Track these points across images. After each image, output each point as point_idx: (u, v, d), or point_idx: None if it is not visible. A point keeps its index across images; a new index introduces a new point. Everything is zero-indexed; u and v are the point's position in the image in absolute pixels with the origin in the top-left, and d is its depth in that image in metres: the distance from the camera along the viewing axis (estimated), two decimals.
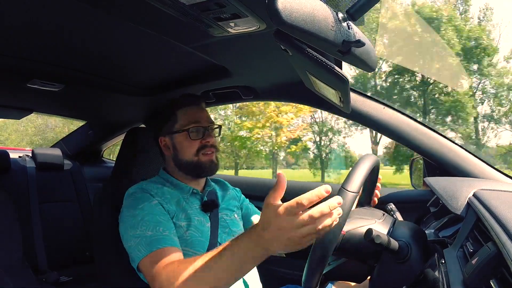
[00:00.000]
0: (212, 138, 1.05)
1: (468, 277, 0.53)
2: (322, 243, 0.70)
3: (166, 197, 0.97)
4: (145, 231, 0.87)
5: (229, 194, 1.17)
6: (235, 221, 1.10)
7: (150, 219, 0.89)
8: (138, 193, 0.96)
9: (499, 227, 0.52)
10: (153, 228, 0.87)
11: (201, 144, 1.02)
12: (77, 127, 2.13)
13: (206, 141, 1.03)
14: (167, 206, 0.95)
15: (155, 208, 0.92)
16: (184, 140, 1.03)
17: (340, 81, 0.70)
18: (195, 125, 1.03)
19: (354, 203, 0.74)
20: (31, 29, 0.82)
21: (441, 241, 0.78)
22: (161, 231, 0.87)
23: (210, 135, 1.05)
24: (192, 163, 1.02)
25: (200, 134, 1.03)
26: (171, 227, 0.91)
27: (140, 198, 0.95)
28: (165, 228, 0.89)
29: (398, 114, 1.19)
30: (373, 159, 0.81)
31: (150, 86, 1.36)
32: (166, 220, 0.92)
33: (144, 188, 0.97)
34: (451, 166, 1.12)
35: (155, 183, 1.02)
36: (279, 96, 1.36)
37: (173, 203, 0.97)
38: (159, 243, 0.85)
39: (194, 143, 1.02)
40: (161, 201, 0.95)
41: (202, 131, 1.03)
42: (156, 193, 0.97)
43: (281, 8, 0.47)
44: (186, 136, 1.02)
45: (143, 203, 0.93)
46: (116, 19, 0.78)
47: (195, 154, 1.02)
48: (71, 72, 1.14)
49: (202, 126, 1.03)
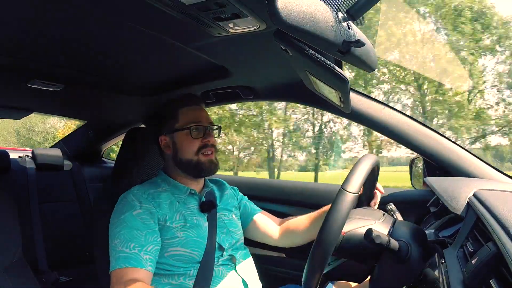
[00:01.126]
0: (212, 138, 1.05)
1: (468, 277, 0.53)
2: (322, 244, 0.70)
3: (157, 201, 0.97)
4: (118, 245, 0.88)
5: (227, 194, 1.17)
6: (233, 221, 1.11)
7: (126, 233, 0.90)
8: (126, 200, 0.97)
9: (499, 227, 0.52)
10: (124, 244, 0.88)
11: (201, 143, 1.03)
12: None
13: (207, 140, 1.03)
14: (156, 211, 0.95)
15: (136, 219, 0.92)
16: (185, 139, 1.03)
17: (340, 81, 0.70)
18: (196, 124, 1.03)
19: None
20: (31, 29, 0.82)
21: (441, 241, 0.78)
22: (131, 248, 0.88)
23: (210, 134, 1.05)
24: (192, 162, 1.02)
25: (201, 133, 1.03)
26: (147, 242, 0.90)
27: (125, 205, 0.95)
28: (136, 244, 0.88)
29: (398, 114, 1.19)
30: (373, 159, 0.81)
31: (150, 86, 1.36)
32: (145, 234, 0.91)
33: (134, 194, 0.97)
34: (451, 166, 1.12)
35: (150, 186, 1.02)
36: (279, 96, 1.36)
37: (165, 206, 0.97)
38: (125, 261, 0.86)
39: (195, 141, 1.02)
40: (149, 208, 0.94)
41: (203, 130, 1.04)
42: (146, 198, 0.96)
43: (281, 8, 0.47)
44: (187, 134, 1.02)
45: (125, 212, 0.93)
46: (116, 19, 0.78)
47: (195, 153, 1.02)
48: (71, 72, 1.14)
49: (203, 126, 1.04)
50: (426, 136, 1.16)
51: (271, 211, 1.28)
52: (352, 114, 1.17)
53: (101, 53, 1.01)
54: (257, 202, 1.28)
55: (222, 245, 1.01)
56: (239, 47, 0.94)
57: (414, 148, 1.17)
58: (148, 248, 0.89)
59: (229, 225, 1.08)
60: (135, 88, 1.37)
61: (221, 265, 0.99)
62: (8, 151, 1.79)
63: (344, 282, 1.10)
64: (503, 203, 0.61)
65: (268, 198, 1.54)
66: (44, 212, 1.78)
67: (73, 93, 1.37)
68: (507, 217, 0.53)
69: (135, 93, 1.39)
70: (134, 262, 0.86)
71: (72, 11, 0.75)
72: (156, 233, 0.93)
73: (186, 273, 0.94)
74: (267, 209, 1.40)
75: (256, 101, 2.49)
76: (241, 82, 1.26)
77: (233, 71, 1.14)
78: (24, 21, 0.78)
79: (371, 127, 1.22)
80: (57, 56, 1.02)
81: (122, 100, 1.52)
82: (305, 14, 0.49)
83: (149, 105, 1.58)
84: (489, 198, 0.67)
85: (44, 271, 1.69)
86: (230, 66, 1.11)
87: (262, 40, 0.86)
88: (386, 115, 1.18)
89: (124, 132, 1.92)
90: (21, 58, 1.00)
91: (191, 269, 0.94)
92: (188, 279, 0.94)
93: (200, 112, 1.08)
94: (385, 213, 0.90)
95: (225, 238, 1.03)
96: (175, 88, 1.33)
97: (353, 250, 0.83)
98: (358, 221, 0.85)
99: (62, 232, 1.82)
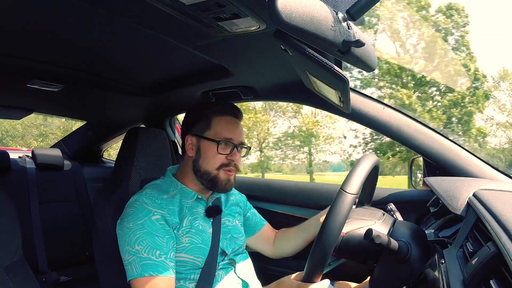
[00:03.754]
0: (238, 158, 1.01)
1: (468, 277, 0.53)
2: (322, 245, 0.70)
3: (171, 208, 0.94)
4: (141, 252, 0.87)
5: (232, 200, 1.15)
6: (237, 227, 1.10)
7: (149, 240, 0.88)
8: (139, 204, 0.93)
9: (499, 227, 0.52)
10: (149, 251, 0.87)
11: (226, 161, 0.99)
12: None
13: (232, 159, 0.99)
14: (170, 219, 0.93)
15: (155, 225, 0.90)
16: (211, 150, 0.98)
17: (340, 81, 0.70)
18: (227, 140, 0.99)
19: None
20: (31, 29, 0.82)
21: (441, 241, 0.78)
22: (157, 255, 0.87)
23: (238, 153, 1.01)
24: (211, 175, 0.99)
25: (229, 149, 0.99)
26: (169, 249, 0.89)
27: (141, 210, 0.91)
28: (162, 252, 0.88)
29: (398, 114, 1.19)
30: (373, 159, 0.81)
31: (150, 86, 1.36)
32: (166, 240, 0.90)
33: (147, 198, 0.93)
34: (451, 166, 1.12)
35: (160, 192, 0.97)
36: (279, 96, 1.36)
37: (176, 213, 0.95)
38: (152, 269, 0.85)
39: (220, 156, 0.98)
40: (164, 214, 0.92)
41: (231, 147, 0.99)
42: (160, 204, 0.93)
43: (281, 8, 0.47)
44: (215, 146, 0.98)
45: (143, 218, 0.90)
46: (116, 19, 0.78)
47: (217, 168, 0.98)
48: (71, 72, 1.14)
49: (233, 143, 1.00)
50: (426, 136, 1.16)
51: (271, 211, 1.28)
52: (352, 114, 1.17)
53: (101, 53, 1.01)
54: (257, 202, 1.28)
55: (225, 250, 1.00)
56: (239, 47, 0.94)
57: (414, 147, 1.17)
58: (170, 255, 0.89)
59: (233, 231, 1.07)
60: (135, 88, 1.37)
61: (221, 269, 0.98)
62: (8, 151, 1.79)
63: (344, 282, 1.10)
64: (503, 203, 0.61)
65: (268, 198, 1.54)
66: (44, 212, 1.78)
67: (73, 93, 1.37)
68: (507, 217, 0.53)
69: (135, 93, 1.39)
70: (163, 270, 0.86)
71: (72, 11, 0.75)
72: (173, 239, 0.92)
73: (187, 278, 0.94)
74: (267, 209, 1.40)
75: (256, 101, 2.50)
76: (241, 82, 1.26)
77: (233, 71, 1.14)
78: (24, 21, 0.78)
79: (371, 127, 1.22)
80: (57, 56, 1.02)
81: (122, 100, 1.52)
82: (305, 14, 0.49)
83: (149, 105, 1.58)
84: (489, 198, 0.67)
85: (44, 271, 1.69)
86: (230, 66, 1.11)
87: (262, 40, 0.86)
88: (386, 115, 1.18)
89: (124, 132, 1.92)
90: (21, 58, 1.00)
91: (193, 274, 0.94)
92: (188, 282, 0.94)
93: (235, 127, 1.02)
94: (385, 213, 0.90)
95: (228, 244, 1.03)
96: (175, 88, 1.33)
97: (353, 250, 0.83)
98: (358, 221, 0.85)
99: (62, 232, 1.82)
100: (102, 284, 1.09)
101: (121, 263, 0.91)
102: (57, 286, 1.69)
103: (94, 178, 2.07)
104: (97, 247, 1.10)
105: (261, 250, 1.22)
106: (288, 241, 1.18)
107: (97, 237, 1.09)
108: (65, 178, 1.95)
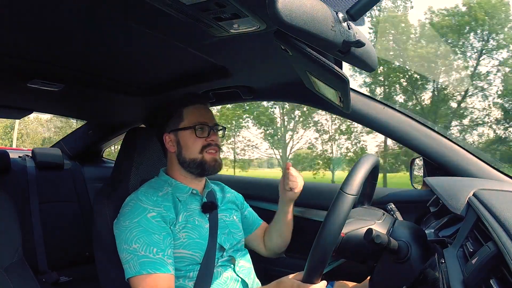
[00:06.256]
0: (216, 137, 1.06)
1: (468, 277, 0.53)
2: (321, 245, 0.70)
3: (166, 205, 0.96)
4: (138, 250, 0.88)
5: (228, 197, 1.17)
6: (234, 222, 1.11)
7: (146, 237, 0.89)
8: (135, 202, 0.95)
9: (499, 226, 0.52)
10: (146, 248, 0.88)
11: (206, 142, 1.03)
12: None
13: (211, 139, 1.04)
14: (167, 215, 0.94)
15: (152, 222, 0.91)
16: (190, 138, 1.03)
17: (340, 81, 0.70)
18: (201, 124, 1.04)
19: None
20: (31, 29, 0.82)
21: (441, 241, 0.78)
22: (155, 253, 0.88)
23: (215, 134, 1.06)
24: (197, 160, 1.03)
25: (206, 132, 1.04)
26: (166, 246, 0.90)
27: (136, 208, 0.94)
28: (159, 249, 0.88)
29: (398, 114, 1.19)
30: (373, 159, 0.81)
31: (150, 86, 1.36)
32: (163, 237, 0.91)
33: (143, 197, 0.96)
34: (451, 166, 1.12)
35: (155, 190, 1.00)
36: (279, 96, 1.36)
37: (171, 209, 0.97)
38: (150, 266, 0.86)
39: (199, 140, 1.03)
40: (160, 211, 0.94)
41: (207, 129, 1.04)
42: (155, 201, 0.96)
43: (281, 8, 0.47)
44: (192, 133, 1.03)
45: (139, 216, 0.92)
46: (116, 19, 0.78)
47: (200, 152, 1.03)
48: (71, 72, 1.14)
49: (208, 125, 1.05)
50: (426, 136, 1.16)
51: (270, 211, 1.27)
52: (352, 114, 1.17)
53: (101, 53, 1.01)
54: (255, 202, 1.28)
55: (223, 245, 1.01)
56: (239, 47, 0.94)
57: (414, 148, 1.17)
58: (168, 252, 0.90)
59: (230, 226, 1.08)
60: (135, 88, 1.36)
61: (220, 266, 0.99)
62: (8, 151, 1.79)
63: (344, 282, 1.10)
64: (503, 203, 0.62)
65: (267, 198, 1.54)
66: (44, 212, 1.78)
67: (73, 93, 1.37)
68: (507, 217, 0.53)
69: (135, 93, 1.39)
70: (161, 268, 0.87)
71: (72, 11, 0.75)
72: (170, 236, 0.93)
73: (187, 275, 0.94)
74: (266, 209, 1.40)
75: (256, 101, 2.49)
76: (241, 82, 1.26)
77: (233, 71, 1.14)
78: (25, 21, 0.78)
79: (371, 127, 1.22)
80: (57, 56, 1.02)
81: (122, 100, 1.51)
82: (305, 14, 0.49)
83: (149, 105, 1.58)
84: (489, 198, 0.67)
85: (44, 271, 1.69)
86: (230, 66, 1.11)
87: (262, 40, 0.86)
88: (386, 115, 1.18)
89: (124, 132, 1.92)
90: (21, 58, 1.00)
91: (191, 271, 0.95)
92: (188, 280, 0.94)
93: (205, 112, 1.09)
94: (385, 213, 0.90)
95: (226, 238, 1.03)
96: (175, 88, 1.32)
97: (353, 250, 0.83)
98: (357, 221, 0.85)
99: (62, 232, 1.82)
100: (102, 284, 1.09)
101: (121, 263, 0.91)
102: (57, 286, 1.68)
103: (94, 178, 2.07)
104: (97, 247, 1.10)
105: (258, 250, 1.22)
106: (268, 236, 1.19)
107: (97, 237, 1.09)
108: (65, 178, 1.95)
